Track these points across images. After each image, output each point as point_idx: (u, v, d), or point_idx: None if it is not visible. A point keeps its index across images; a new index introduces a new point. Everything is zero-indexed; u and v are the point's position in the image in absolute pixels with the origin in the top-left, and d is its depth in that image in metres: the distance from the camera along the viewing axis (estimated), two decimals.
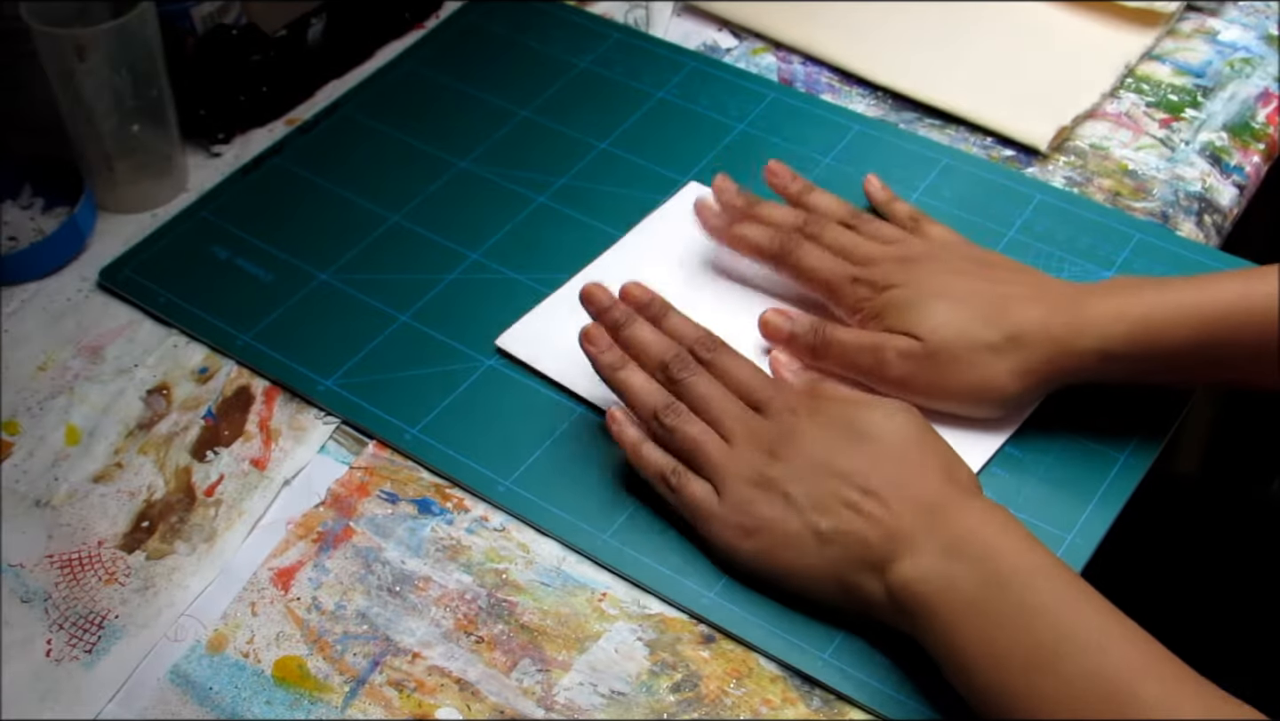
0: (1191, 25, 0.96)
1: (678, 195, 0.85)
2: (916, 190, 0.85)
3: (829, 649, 0.64)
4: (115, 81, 0.82)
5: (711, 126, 0.90)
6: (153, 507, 0.72)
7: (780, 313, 0.74)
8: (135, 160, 0.86)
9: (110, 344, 0.80)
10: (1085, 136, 0.89)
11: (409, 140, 0.91)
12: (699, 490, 0.66)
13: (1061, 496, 0.69)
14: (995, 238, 0.82)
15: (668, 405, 0.68)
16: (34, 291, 0.83)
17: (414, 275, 0.82)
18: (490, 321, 0.79)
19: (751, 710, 0.63)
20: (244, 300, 0.81)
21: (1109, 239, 0.81)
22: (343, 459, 0.74)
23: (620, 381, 0.70)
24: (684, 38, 0.98)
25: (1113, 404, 0.73)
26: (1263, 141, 0.88)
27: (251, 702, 0.64)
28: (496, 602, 0.67)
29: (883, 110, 0.91)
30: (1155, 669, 0.55)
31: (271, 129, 0.93)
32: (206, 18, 0.89)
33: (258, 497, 0.72)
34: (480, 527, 0.70)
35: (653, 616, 0.66)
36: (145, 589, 0.68)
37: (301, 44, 0.93)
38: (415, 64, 0.96)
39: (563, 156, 0.89)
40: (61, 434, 0.75)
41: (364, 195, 0.87)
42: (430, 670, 0.65)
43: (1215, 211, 0.84)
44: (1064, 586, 0.58)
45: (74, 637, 0.67)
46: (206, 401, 0.77)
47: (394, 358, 0.78)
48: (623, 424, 0.69)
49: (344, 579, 0.68)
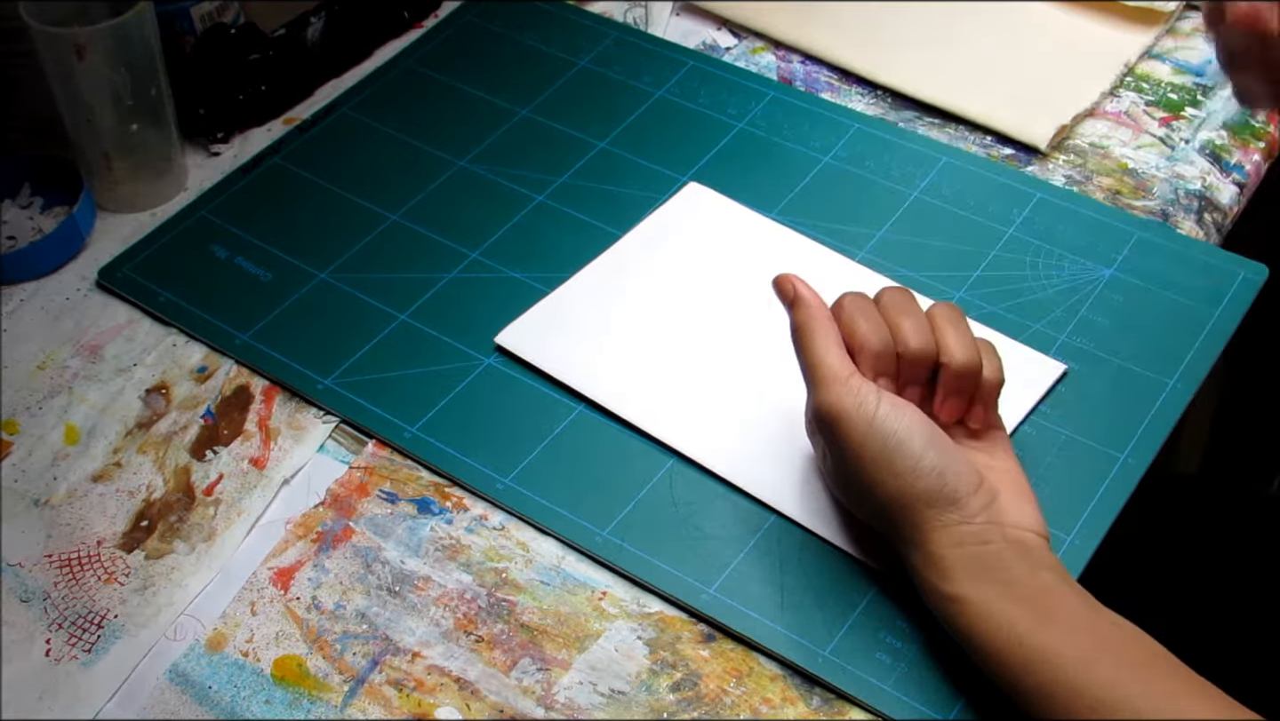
0: (1191, 24, 0.96)
1: (678, 194, 0.85)
2: (916, 189, 0.85)
3: (829, 646, 0.64)
4: (114, 80, 0.82)
5: (711, 125, 0.90)
6: (152, 507, 0.72)
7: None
8: (134, 159, 0.86)
9: (109, 343, 0.80)
10: (1085, 135, 0.89)
11: (408, 139, 0.90)
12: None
13: (1061, 496, 0.69)
14: (995, 236, 0.82)
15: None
16: (33, 291, 0.83)
17: (413, 274, 0.82)
18: (489, 320, 0.79)
19: (751, 709, 0.63)
20: (243, 299, 0.81)
21: (1109, 237, 0.81)
22: (342, 458, 0.74)
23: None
24: (683, 37, 0.98)
25: (1113, 404, 0.73)
26: (1263, 140, 0.88)
27: (251, 702, 0.64)
28: (496, 602, 0.67)
29: (882, 109, 0.91)
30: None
31: (270, 128, 0.93)
32: (205, 17, 0.89)
33: (257, 497, 0.72)
34: (480, 527, 0.70)
35: (652, 615, 0.66)
36: (144, 588, 0.68)
37: (300, 43, 0.93)
38: (414, 63, 0.96)
39: (562, 155, 0.89)
40: (60, 433, 0.75)
41: (363, 194, 0.87)
42: (430, 669, 0.65)
43: (1215, 210, 0.84)
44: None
45: (73, 637, 0.67)
46: (205, 400, 0.77)
47: (393, 356, 0.77)
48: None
49: (343, 578, 0.68)
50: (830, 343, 0.64)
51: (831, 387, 0.62)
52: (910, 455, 0.61)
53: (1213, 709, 0.54)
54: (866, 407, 0.62)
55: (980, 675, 0.62)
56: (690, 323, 0.78)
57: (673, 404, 0.74)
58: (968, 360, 0.64)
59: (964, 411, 0.65)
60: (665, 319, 0.78)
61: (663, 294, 0.80)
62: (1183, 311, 0.78)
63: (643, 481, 0.71)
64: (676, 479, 0.71)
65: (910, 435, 0.61)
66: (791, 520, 0.69)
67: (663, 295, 0.80)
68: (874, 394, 0.62)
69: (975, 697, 0.62)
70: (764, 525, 0.69)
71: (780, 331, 0.77)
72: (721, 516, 0.69)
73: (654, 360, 0.76)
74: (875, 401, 0.62)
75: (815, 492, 0.69)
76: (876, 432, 0.61)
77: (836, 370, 0.63)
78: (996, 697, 0.62)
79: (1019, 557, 0.60)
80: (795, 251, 0.82)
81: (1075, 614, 0.58)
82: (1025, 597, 0.58)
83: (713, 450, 0.72)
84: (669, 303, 0.79)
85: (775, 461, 0.71)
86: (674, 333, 0.78)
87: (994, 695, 0.62)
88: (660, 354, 0.77)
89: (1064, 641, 0.57)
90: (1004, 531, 0.60)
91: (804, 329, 0.65)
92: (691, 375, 0.75)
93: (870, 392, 0.62)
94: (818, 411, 0.63)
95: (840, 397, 0.62)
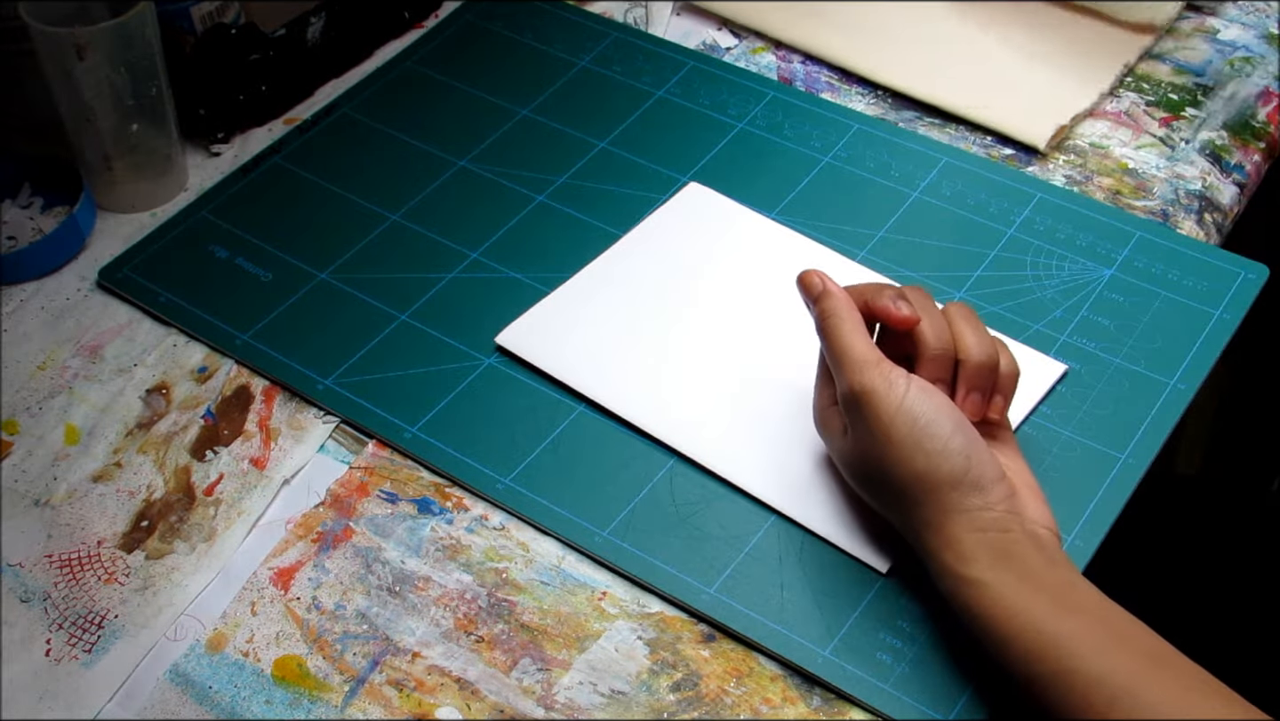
0: (1191, 24, 0.96)
1: (678, 194, 0.85)
2: (916, 189, 0.85)
3: (829, 646, 0.64)
4: (114, 80, 0.82)
5: (711, 125, 0.90)
6: (152, 507, 0.72)
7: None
8: (134, 159, 0.86)
9: (109, 343, 0.80)
10: (1085, 135, 0.89)
11: (408, 139, 0.90)
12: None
13: (1062, 496, 0.69)
14: (995, 236, 0.82)
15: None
16: (33, 291, 0.83)
17: (413, 274, 0.82)
18: (490, 320, 0.79)
19: (751, 709, 0.63)
20: (243, 299, 0.81)
21: (1109, 237, 0.81)
22: (342, 458, 0.74)
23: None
24: (683, 36, 0.98)
25: (1113, 404, 0.73)
26: (1263, 140, 0.88)
27: (251, 702, 0.64)
28: (496, 602, 0.67)
29: (882, 109, 0.91)
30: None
31: (271, 128, 0.93)
32: (205, 17, 0.89)
33: (257, 497, 0.72)
34: (480, 527, 0.70)
35: (653, 615, 0.66)
36: (145, 588, 0.68)
37: (301, 43, 0.93)
38: (414, 63, 0.96)
39: (562, 155, 0.89)
40: (61, 433, 0.75)
41: (363, 194, 0.87)
42: (430, 669, 0.65)
43: (1216, 210, 0.84)
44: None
45: (73, 637, 0.67)
46: (206, 401, 0.77)
47: (393, 356, 0.77)
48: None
49: (344, 578, 0.68)
50: (858, 330, 0.66)
51: (864, 370, 0.64)
52: (939, 436, 0.62)
53: (1226, 708, 0.54)
54: (897, 389, 0.63)
55: (980, 675, 0.62)
56: (690, 322, 0.78)
57: (673, 404, 0.74)
58: (986, 355, 0.65)
59: (986, 406, 0.66)
60: (665, 319, 0.78)
61: (663, 294, 0.80)
62: (1183, 311, 0.78)
63: (643, 481, 0.71)
64: (676, 479, 0.71)
65: (940, 416, 0.62)
66: (791, 520, 0.69)
67: (663, 295, 0.80)
68: (903, 377, 0.63)
69: (976, 697, 0.62)
70: (764, 525, 0.69)
71: (780, 331, 0.77)
72: (721, 516, 0.69)
73: (654, 360, 0.76)
74: (905, 384, 0.63)
75: (815, 492, 0.70)
76: (906, 412, 0.62)
77: (866, 354, 0.64)
78: (997, 697, 0.62)
79: (1036, 550, 0.60)
80: (795, 251, 0.82)
81: (1092, 606, 0.59)
82: (1044, 586, 0.59)
83: (713, 450, 0.72)
84: (669, 302, 0.79)
85: (775, 461, 0.71)
86: (674, 332, 0.78)
87: (994, 695, 0.62)
88: (660, 354, 0.77)
89: (1082, 630, 0.57)
90: (1023, 522, 0.61)
91: (834, 316, 0.66)
92: (691, 375, 0.75)
93: (900, 376, 0.63)
94: (848, 391, 0.64)
95: (872, 379, 0.63)
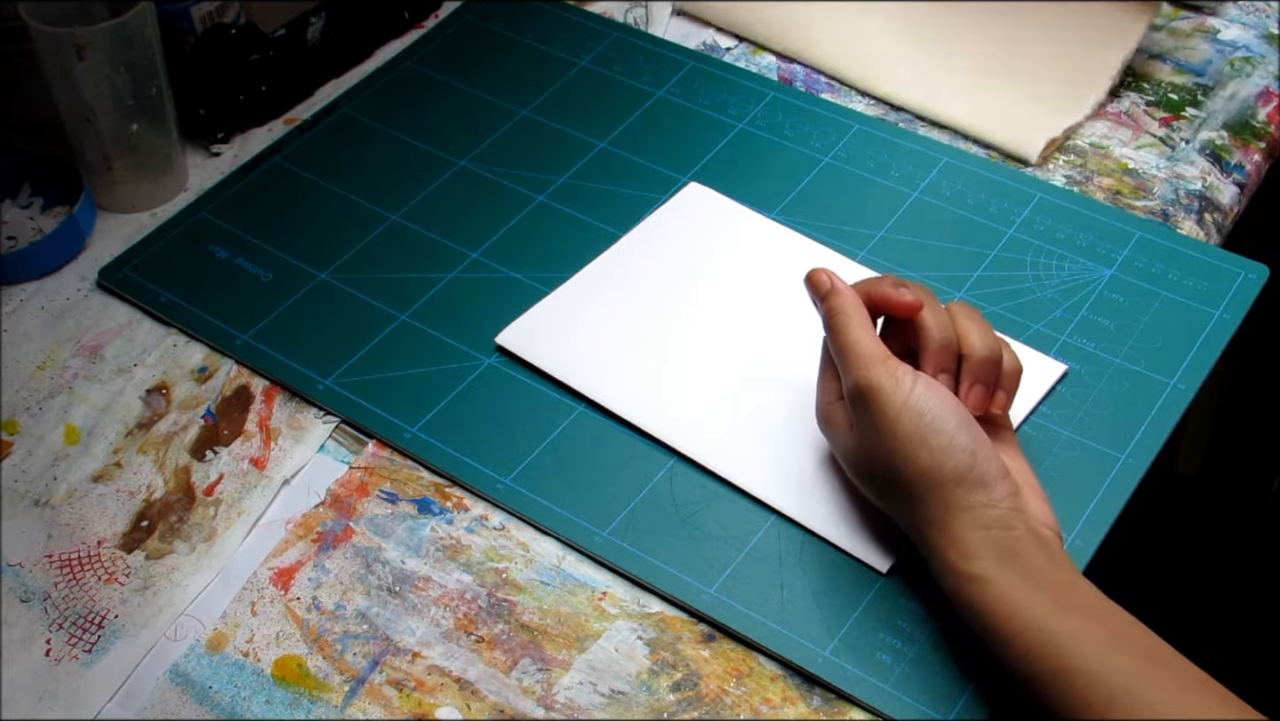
0: (1191, 24, 0.96)
1: (678, 194, 0.85)
2: (916, 189, 0.85)
3: (829, 646, 0.64)
4: (114, 80, 0.82)
5: (711, 125, 0.90)
6: (152, 507, 0.72)
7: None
8: (134, 159, 0.86)
9: (109, 343, 0.80)
10: (1085, 135, 0.89)
11: (408, 139, 0.90)
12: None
13: (1062, 496, 0.69)
14: (995, 236, 0.82)
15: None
16: (33, 291, 0.83)
17: (413, 274, 0.82)
18: (490, 320, 0.79)
19: (751, 709, 0.63)
20: (243, 299, 0.81)
21: (1109, 237, 0.81)
22: (342, 458, 0.74)
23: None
24: (683, 37, 0.98)
25: (1113, 404, 0.73)
26: (1263, 140, 0.88)
27: (251, 702, 0.64)
28: (496, 602, 0.67)
29: (882, 109, 0.91)
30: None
31: (271, 128, 0.93)
32: (205, 17, 0.89)
33: (257, 497, 0.72)
34: (480, 527, 0.70)
35: (653, 615, 0.66)
36: (145, 588, 0.68)
37: (301, 43, 0.93)
38: (414, 63, 0.96)
39: (562, 155, 0.89)
40: (61, 433, 0.75)
41: (363, 194, 0.87)
42: (430, 669, 0.65)
43: (1216, 210, 0.84)
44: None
45: (73, 637, 0.67)
46: (206, 401, 0.77)
47: (393, 356, 0.77)
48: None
49: (344, 578, 0.68)
50: (865, 326, 0.66)
51: (870, 365, 0.64)
52: (945, 432, 0.62)
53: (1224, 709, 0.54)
54: (903, 384, 0.63)
55: (980, 675, 0.62)
56: (690, 322, 0.78)
57: (673, 404, 0.74)
58: (990, 350, 0.66)
59: (989, 401, 0.66)
60: (665, 319, 0.78)
61: (663, 294, 0.80)
62: (1183, 311, 0.78)
63: (643, 481, 0.71)
64: (676, 479, 0.71)
65: (945, 412, 0.62)
66: (791, 520, 0.69)
67: (663, 295, 0.80)
68: (909, 373, 0.64)
69: (976, 697, 0.62)
70: (764, 525, 0.69)
71: (780, 331, 0.77)
72: (721, 516, 0.69)
73: (654, 360, 0.76)
74: (911, 379, 0.63)
75: (815, 492, 0.70)
76: (912, 408, 0.62)
77: (873, 350, 0.64)
78: (997, 697, 0.62)
79: (1039, 548, 0.60)
80: (795, 251, 0.82)
81: (1093, 606, 0.59)
82: (1046, 585, 0.59)
83: (713, 450, 0.72)
84: (669, 302, 0.79)
85: (775, 461, 0.71)
86: (674, 332, 0.78)
87: (994, 695, 0.62)
88: (660, 354, 0.77)
89: (1083, 629, 0.57)
90: (1026, 520, 0.61)
91: (841, 314, 0.66)
92: (692, 375, 0.75)
93: (906, 372, 0.64)
94: (854, 386, 0.64)
95: (878, 374, 0.63)
